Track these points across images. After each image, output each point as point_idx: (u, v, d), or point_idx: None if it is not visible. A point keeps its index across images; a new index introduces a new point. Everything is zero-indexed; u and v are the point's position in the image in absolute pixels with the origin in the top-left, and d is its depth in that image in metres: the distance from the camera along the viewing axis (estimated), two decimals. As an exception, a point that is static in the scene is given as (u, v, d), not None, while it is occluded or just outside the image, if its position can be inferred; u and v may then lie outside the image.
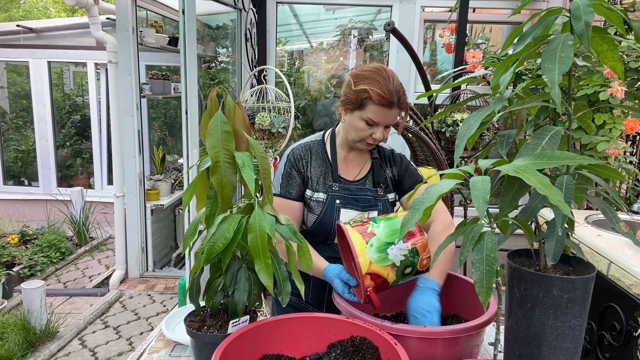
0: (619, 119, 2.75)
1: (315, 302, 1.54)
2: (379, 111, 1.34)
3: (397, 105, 1.34)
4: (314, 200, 1.45)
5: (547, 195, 0.73)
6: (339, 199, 1.44)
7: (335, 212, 1.43)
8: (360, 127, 1.38)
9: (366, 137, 1.39)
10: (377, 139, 1.39)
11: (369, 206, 1.46)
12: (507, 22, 3.99)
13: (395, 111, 1.36)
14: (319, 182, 1.46)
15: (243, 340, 1.04)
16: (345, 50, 4.75)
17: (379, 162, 1.52)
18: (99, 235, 5.35)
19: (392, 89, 1.33)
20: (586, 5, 0.80)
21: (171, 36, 4.49)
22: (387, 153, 1.56)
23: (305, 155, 1.49)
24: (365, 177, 1.50)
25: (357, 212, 1.45)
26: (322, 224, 1.44)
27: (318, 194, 1.45)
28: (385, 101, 1.32)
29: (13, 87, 6.36)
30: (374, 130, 1.37)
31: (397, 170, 1.53)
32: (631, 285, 1.75)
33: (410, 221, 0.85)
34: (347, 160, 1.51)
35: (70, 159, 6.35)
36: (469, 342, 1.12)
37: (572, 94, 0.95)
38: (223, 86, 1.23)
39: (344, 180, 1.48)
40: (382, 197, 1.48)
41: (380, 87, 1.32)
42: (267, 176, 1.05)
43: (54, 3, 14.84)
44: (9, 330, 2.96)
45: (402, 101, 1.36)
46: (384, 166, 1.53)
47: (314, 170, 1.47)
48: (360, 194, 1.46)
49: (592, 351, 1.97)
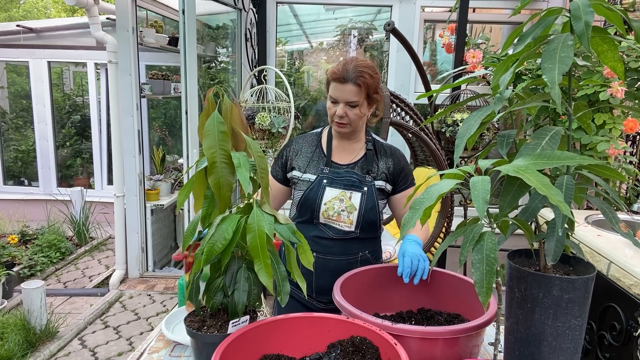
0: (619, 119, 2.75)
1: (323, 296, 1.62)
2: (335, 86, 1.48)
3: (351, 80, 1.45)
4: (302, 180, 1.59)
5: (547, 196, 0.73)
6: (326, 179, 1.56)
7: (320, 190, 1.55)
8: (328, 106, 1.53)
9: (333, 114, 1.52)
10: (339, 114, 1.49)
11: (352, 186, 1.56)
12: (507, 22, 3.99)
13: (349, 86, 1.46)
14: (310, 165, 1.60)
15: (243, 340, 1.04)
16: (345, 50, 4.75)
17: (372, 153, 1.61)
18: (99, 235, 5.35)
19: (349, 68, 1.46)
20: (586, 5, 0.80)
21: (171, 36, 4.49)
22: (385, 147, 1.65)
23: (297, 142, 1.65)
24: (355, 162, 1.61)
25: (340, 190, 1.56)
26: (307, 199, 1.56)
27: (307, 174, 1.59)
28: (337, 76, 1.46)
29: (13, 87, 6.36)
30: (336, 108, 1.50)
31: (392, 165, 1.61)
32: (631, 285, 1.75)
33: (410, 221, 0.86)
34: (341, 148, 1.62)
35: (70, 159, 6.35)
36: (469, 342, 1.12)
37: (572, 94, 0.95)
38: (220, 86, 1.23)
39: (335, 165, 1.60)
40: (369, 183, 1.57)
41: (337, 66, 1.48)
42: (265, 175, 1.05)
43: (54, 3, 14.84)
44: (9, 330, 2.96)
45: (357, 78, 1.45)
46: (378, 158, 1.62)
47: (303, 154, 1.62)
48: (347, 175, 1.57)
49: (592, 351, 1.97)
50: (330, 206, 1.54)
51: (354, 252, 1.59)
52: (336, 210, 1.54)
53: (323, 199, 1.54)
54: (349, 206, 1.54)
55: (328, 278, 1.52)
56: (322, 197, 1.54)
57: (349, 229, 1.55)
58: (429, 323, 1.33)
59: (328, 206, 1.54)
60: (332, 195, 1.55)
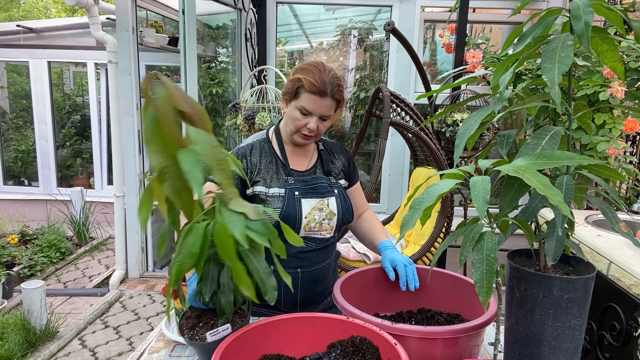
0: (619, 119, 2.75)
1: (289, 303, 1.52)
2: (311, 99, 1.38)
3: (330, 95, 1.38)
4: (271, 195, 1.45)
5: (547, 196, 0.73)
6: (297, 190, 1.46)
7: (297, 204, 1.45)
8: (295, 117, 1.41)
9: (301, 127, 1.42)
10: (311, 128, 1.41)
11: (327, 192, 1.50)
12: (507, 22, 3.99)
13: (328, 101, 1.38)
14: (272, 178, 1.47)
15: (243, 340, 1.04)
16: (345, 50, 4.75)
17: (325, 152, 1.58)
18: (99, 235, 5.35)
19: (326, 79, 1.37)
20: (586, 5, 0.80)
21: (171, 36, 4.49)
22: (332, 144, 1.63)
23: (253, 154, 1.49)
24: (314, 166, 1.55)
25: (317, 199, 1.48)
26: (286, 216, 1.43)
27: (273, 189, 1.46)
28: (316, 89, 1.36)
29: (13, 87, 6.36)
30: (308, 120, 1.41)
31: (346, 160, 1.61)
32: (631, 285, 1.75)
33: (410, 220, 0.86)
34: (295, 154, 1.54)
35: (70, 159, 6.35)
36: (469, 342, 1.12)
37: (572, 94, 0.95)
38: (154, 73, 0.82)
39: (296, 173, 1.51)
40: (336, 184, 1.54)
41: (313, 76, 1.37)
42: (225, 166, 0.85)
43: (54, 3, 14.84)
44: (9, 330, 2.96)
45: (336, 93, 1.39)
46: (331, 156, 1.58)
47: (264, 167, 1.48)
48: (315, 182, 1.50)
49: (592, 351, 1.97)
50: (311, 218, 1.45)
51: (331, 253, 1.58)
52: (317, 221, 1.47)
53: (303, 213, 1.44)
54: (329, 213, 1.48)
55: (313, 288, 1.51)
56: (301, 211, 1.44)
57: (329, 235, 1.51)
58: (429, 323, 1.33)
59: (309, 219, 1.45)
60: (310, 206, 1.45)
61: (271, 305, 1.46)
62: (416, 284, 1.39)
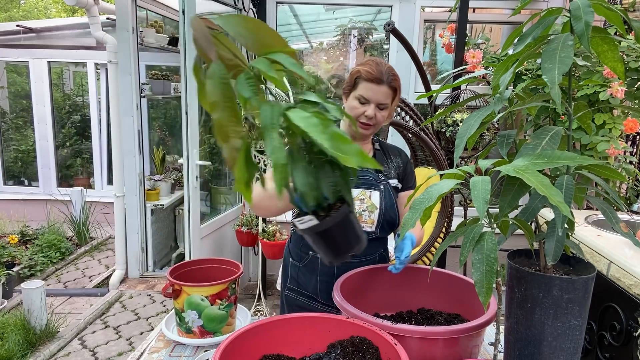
0: (619, 119, 2.75)
1: (325, 293, 1.55)
2: (368, 87, 1.43)
3: (387, 83, 1.43)
4: None
5: (547, 196, 0.73)
6: None
7: None
8: (354, 106, 1.47)
9: (359, 115, 1.46)
10: (369, 115, 1.45)
11: (370, 185, 1.54)
12: (507, 22, 3.99)
13: (384, 88, 1.44)
14: None
15: (243, 340, 1.04)
16: (345, 50, 4.75)
17: (380, 152, 1.62)
18: (99, 235, 5.35)
19: (382, 69, 1.43)
20: (586, 5, 0.80)
21: (171, 36, 4.49)
22: (391, 147, 1.66)
23: None
24: None
25: (359, 189, 1.53)
26: None
27: None
28: (373, 77, 1.42)
29: (13, 87, 6.36)
30: (365, 108, 1.45)
31: (402, 163, 1.63)
32: (631, 285, 1.75)
33: (410, 220, 0.86)
34: None
35: (70, 159, 6.35)
36: (469, 342, 1.12)
37: (572, 94, 0.95)
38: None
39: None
40: (384, 181, 1.56)
41: (370, 66, 1.44)
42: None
43: (54, 3, 14.84)
44: (9, 330, 2.96)
45: (392, 81, 1.45)
46: (387, 157, 1.62)
47: None
48: (362, 174, 1.54)
49: (592, 351, 1.97)
50: None
51: (373, 252, 1.57)
52: (357, 212, 1.50)
53: None
54: (370, 205, 1.52)
55: None
56: None
57: (370, 229, 1.53)
58: (429, 323, 1.33)
59: None
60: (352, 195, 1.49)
61: (309, 294, 1.57)
62: (397, 267, 1.35)
